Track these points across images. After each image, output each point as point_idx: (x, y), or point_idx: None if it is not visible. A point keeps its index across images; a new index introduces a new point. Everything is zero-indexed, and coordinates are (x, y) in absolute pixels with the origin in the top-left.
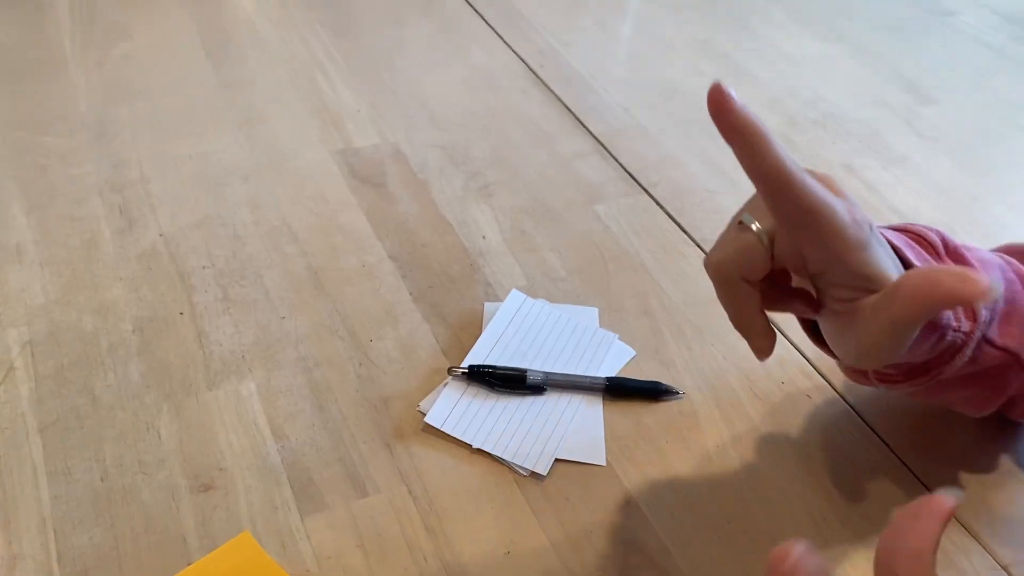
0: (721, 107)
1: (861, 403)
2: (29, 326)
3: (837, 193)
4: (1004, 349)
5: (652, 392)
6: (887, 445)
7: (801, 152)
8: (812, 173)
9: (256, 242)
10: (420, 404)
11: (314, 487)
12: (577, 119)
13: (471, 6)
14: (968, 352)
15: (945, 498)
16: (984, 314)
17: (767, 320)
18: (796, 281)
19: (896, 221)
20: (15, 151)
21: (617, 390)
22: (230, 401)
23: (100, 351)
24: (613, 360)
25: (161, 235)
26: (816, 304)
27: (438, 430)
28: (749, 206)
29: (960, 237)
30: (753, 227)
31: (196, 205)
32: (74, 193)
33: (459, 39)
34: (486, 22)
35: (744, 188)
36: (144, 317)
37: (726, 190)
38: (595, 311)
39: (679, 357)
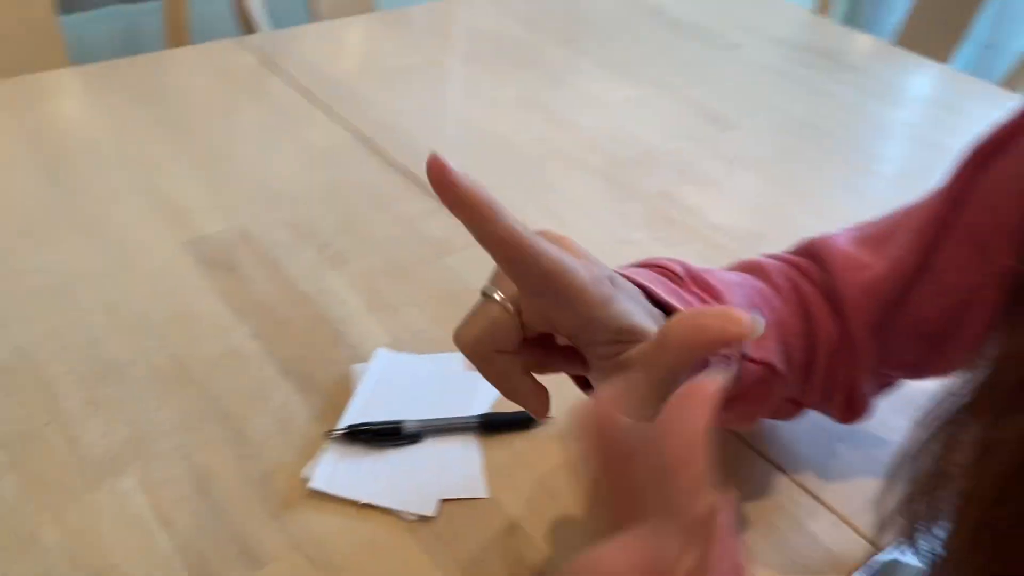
0: (442, 180)
1: None
2: None
3: (574, 253)
4: (763, 363)
5: (523, 422)
6: (745, 441)
7: (624, 186)
8: (546, 235)
9: (115, 342)
10: (303, 472)
11: (208, 567)
12: (417, 180)
13: (297, 86)
14: (734, 372)
15: (709, 382)
16: None
17: (534, 381)
18: (561, 340)
19: (719, 237)
20: None
21: (490, 426)
22: (112, 499)
23: None
24: (483, 398)
25: (16, 348)
26: (583, 360)
27: (325, 493)
28: (493, 277)
29: (773, 243)
30: (496, 297)
31: (49, 315)
32: None
33: (292, 121)
34: (316, 103)
35: (575, 226)
36: (10, 432)
37: (559, 229)
38: (459, 355)
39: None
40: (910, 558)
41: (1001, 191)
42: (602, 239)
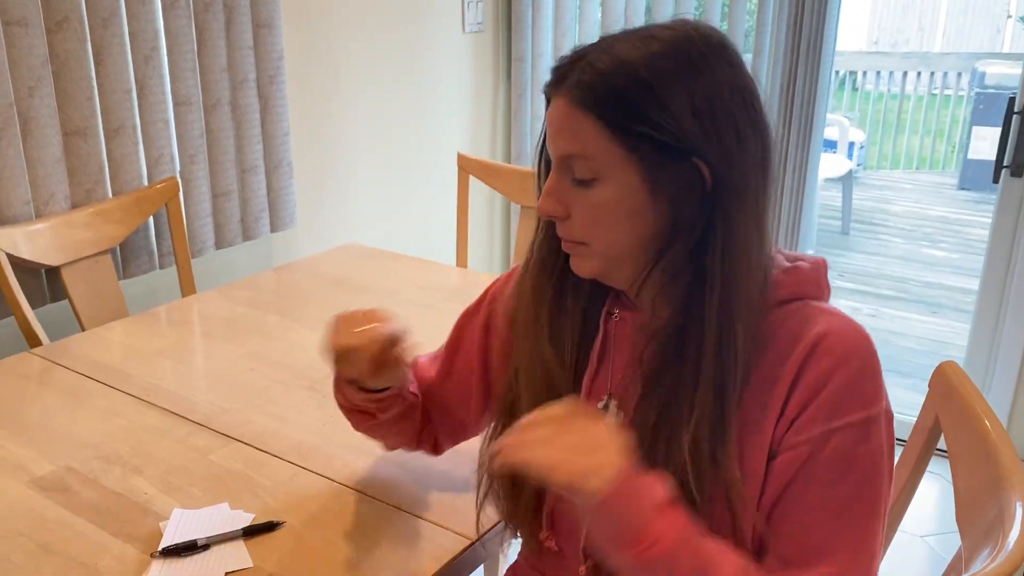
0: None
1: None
2: None
3: (368, 317)
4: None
5: (266, 527)
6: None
7: (325, 393)
8: (355, 313)
9: None
10: None
11: None
12: (180, 416)
13: (82, 374)
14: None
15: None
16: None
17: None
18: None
19: None
20: None
21: (249, 532)
22: None
23: None
24: (241, 520)
25: None
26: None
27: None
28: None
29: None
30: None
31: None
32: None
33: (82, 396)
34: (96, 380)
35: (295, 424)
36: None
37: (281, 427)
38: (225, 505)
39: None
40: None
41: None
42: (313, 427)
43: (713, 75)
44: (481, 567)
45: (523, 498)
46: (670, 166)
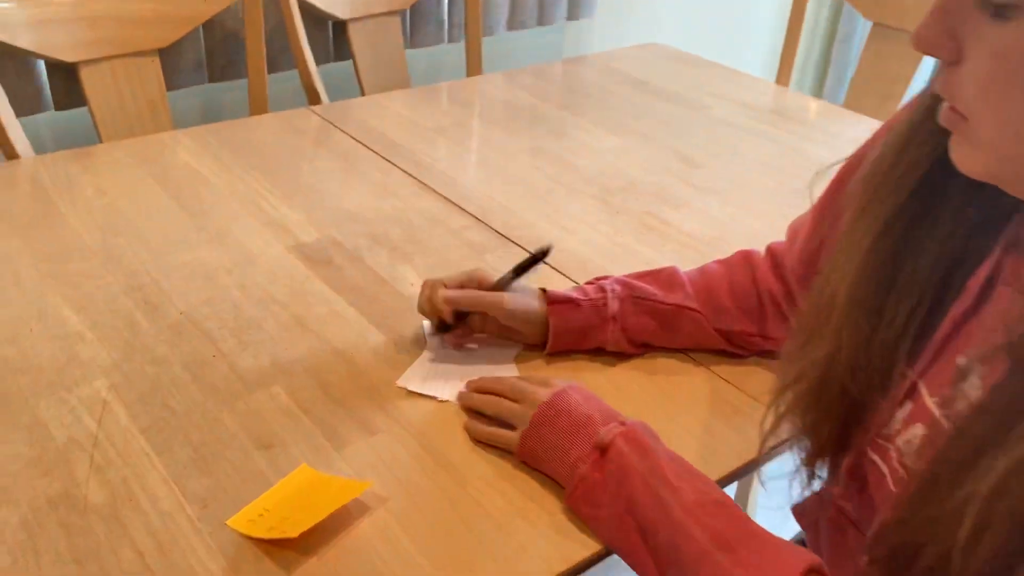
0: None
1: None
2: (107, 377)
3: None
4: (674, 304)
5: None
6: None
7: (615, 207)
8: (475, 272)
9: (251, 308)
10: (398, 381)
11: (339, 434)
12: (458, 206)
13: (358, 141)
14: (613, 306)
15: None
16: (609, 287)
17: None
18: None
19: (689, 241)
20: (50, 276)
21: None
22: (268, 400)
23: (165, 384)
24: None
25: (181, 313)
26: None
27: (415, 393)
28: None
29: (730, 245)
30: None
31: (199, 291)
32: (106, 296)
33: (358, 165)
34: (374, 151)
35: (579, 234)
36: (188, 361)
37: (568, 237)
38: None
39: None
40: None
41: None
42: (600, 243)
43: None
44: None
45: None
46: None
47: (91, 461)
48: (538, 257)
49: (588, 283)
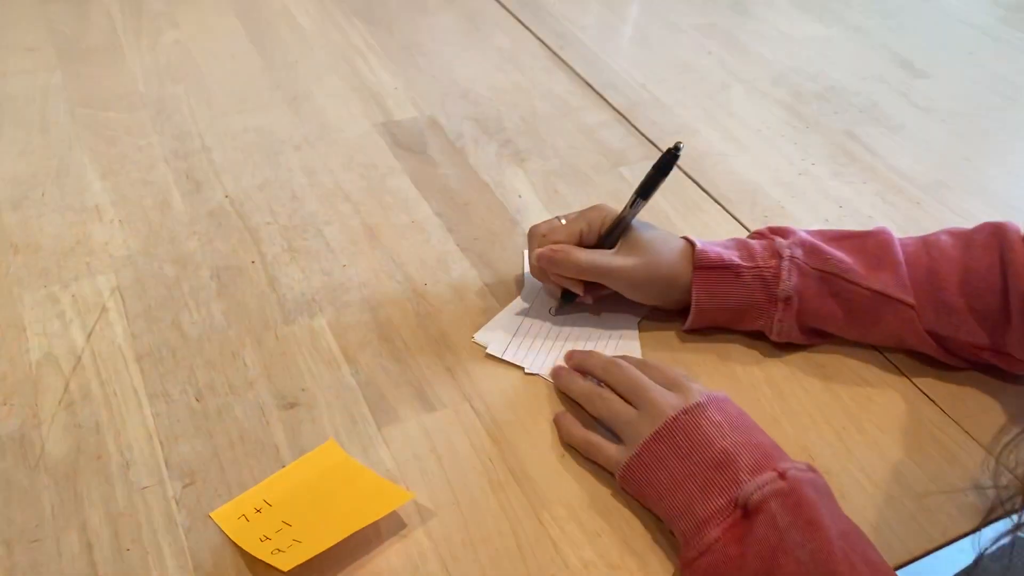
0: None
1: None
2: (116, 274)
3: (599, 212)
4: (876, 291)
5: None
6: (890, 362)
7: (806, 119)
8: (596, 208)
9: (313, 202)
10: (475, 336)
11: (387, 403)
12: (598, 93)
13: None
14: (789, 281)
15: None
16: (788, 251)
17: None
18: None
19: (899, 181)
20: (84, 125)
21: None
22: (305, 334)
23: (183, 294)
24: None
25: (227, 196)
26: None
27: (496, 358)
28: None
29: (955, 194)
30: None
31: (255, 170)
32: (143, 161)
33: (483, 25)
34: (506, 9)
35: (753, 152)
36: (220, 266)
37: (737, 153)
38: None
39: None
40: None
41: None
42: (778, 167)
43: None
44: None
45: None
46: None
47: (65, 390)
48: (667, 163)
49: (756, 234)
